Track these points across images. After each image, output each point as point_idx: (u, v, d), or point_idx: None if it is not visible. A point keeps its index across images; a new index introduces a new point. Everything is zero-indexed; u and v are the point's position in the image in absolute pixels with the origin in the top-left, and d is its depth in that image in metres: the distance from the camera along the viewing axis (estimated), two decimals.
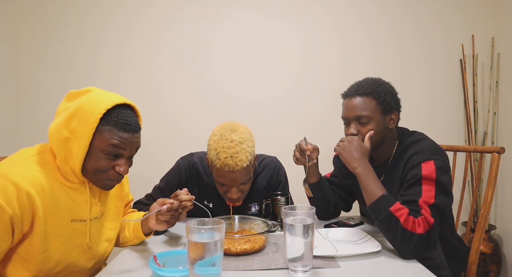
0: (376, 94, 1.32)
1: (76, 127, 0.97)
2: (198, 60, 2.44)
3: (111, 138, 0.98)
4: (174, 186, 1.51)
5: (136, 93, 2.43)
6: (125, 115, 1.01)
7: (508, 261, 2.36)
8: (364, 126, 1.32)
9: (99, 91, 1.03)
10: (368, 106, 1.31)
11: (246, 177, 1.34)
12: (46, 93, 2.42)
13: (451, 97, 2.45)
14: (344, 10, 2.43)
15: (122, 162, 1.03)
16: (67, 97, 1.06)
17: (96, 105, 0.97)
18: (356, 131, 1.33)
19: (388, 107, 1.33)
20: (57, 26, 2.42)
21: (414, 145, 1.33)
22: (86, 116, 0.97)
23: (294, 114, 2.45)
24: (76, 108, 0.98)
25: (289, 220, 0.99)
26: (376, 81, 1.36)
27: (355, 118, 1.33)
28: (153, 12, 2.42)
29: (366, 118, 1.31)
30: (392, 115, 1.35)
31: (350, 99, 1.35)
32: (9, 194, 0.90)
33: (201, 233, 0.87)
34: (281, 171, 1.62)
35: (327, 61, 2.44)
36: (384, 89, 1.33)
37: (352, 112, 1.33)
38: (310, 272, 0.99)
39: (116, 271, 1.05)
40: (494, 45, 2.42)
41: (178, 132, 2.44)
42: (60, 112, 1.04)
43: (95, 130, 0.98)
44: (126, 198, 1.32)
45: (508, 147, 2.16)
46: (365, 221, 1.55)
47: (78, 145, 0.97)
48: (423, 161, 1.24)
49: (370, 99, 1.32)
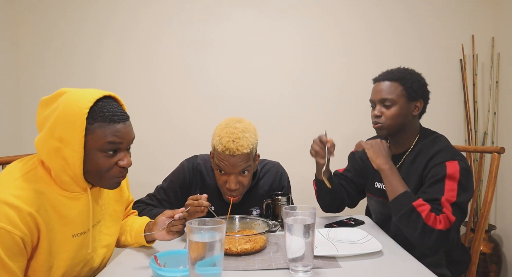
0: (403, 80, 1.38)
1: (64, 134, 0.92)
2: (199, 61, 2.43)
3: (104, 135, 0.94)
4: (177, 186, 1.53)
5: (136, 93, 2.43)
6: (109, 107, 0.96)
7: (508, 261, 2.36)
8: (388, 109, 1.38)
9: (73, 91, 0.97)
10: (394, 91, 1.38)
11: (246, 165, 1.35)
12: (46, 93, 2.40)
13: (451, 97, 2.45)
14: (344, 10, 2.43)
15: (122, 155, 0.99)
16: (41, 106, 1.01)
17: (76, 106, 0.92)
18: (380, 113, 1.40)
19: (414, 94, 1.39)
20: (57, 26, 2.41)
21: (438, 143, 1.37)
22: (70, 120, 0.91)
23: (294, 114, 2.45)
24: (56, 115, 0.93)
25: (290, 220, 0.99)
26: (406, 69, 1.44)
27: (380, 100, 1.40)
28: (154, 12, 2.42)
29: (390, 101, 1.38)
30: (417, 103, 1.40)
31: (378, 83, 1.42)
32: (11, 217, 0.86)
33: (201, 233, 0.87)
34: (284, 177, 1.62)
35: (327, 61, 2.44)
36: (412, 77, 1.40)
37: (378, 95, 1.41)
38: (310, 272, 0.99)
39: (117, 271, 1.05)
40: (494, 45, 2.42)
41: (178, 134, 2.44)
42: (41, 123, 0.99)
43: (85, 131, 0.92)
44: (126, 201, 1.29)
45: (508, 147, 2.16)
46: (370, 220, 1.56)
47: (72, 151, 0.92)
48: (448, 159, 1.28)
49: (397, 85, 1.38)
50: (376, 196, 1.53)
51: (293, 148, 2.40)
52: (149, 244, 1.23)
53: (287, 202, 1.43)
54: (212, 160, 1.44)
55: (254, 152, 1.41)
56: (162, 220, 1.17)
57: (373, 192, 1.55)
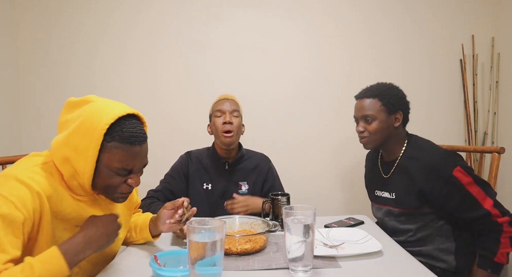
0: (382, 96, 1.50)
1: (80, 144, 0.93)
2: (199, 61, 2.43)
3: (118, 157, 0.94)
4: (180, 169, 1.78)
5: (136, 93, 2.43)
6: (129, 127, 0.95)
7: (508, 261, 2.35)
8: (370, 124, 1.50)
9: (98, 103, 0.98)
10: (374, 107, 1.50)
11: (236, 107, 1.75)
12: (46, 93, 2.41)
13: (451, 97, 2.45)
14: (345, 10, 2.42)
15: (133, 176, 1.00)
16: (66, 107, 1.02)
17: (98, 119, 0.92)
18: (363, 129, 1.52)
19: (393, 107, 1.50)
20: (57, 26, 2.41)
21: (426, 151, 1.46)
22: (89, 132, 0.92)
23: (295, 115, 2.44)
24: (77, 124, 0.94)
25: (290, 220, 0.99)
26: (384, 85, 1.55)
27: (362, 117, 1.52)
28: (154, 12, 2.41)
29: (371, 117, 1.50)
30: (397, 115, 1.51)
31: (360, 101, 1.55)
32: (22, 196, 0.88)
33: (201, 233, 0.87)
34: (268, 160, 1.88)
35: (327, 61, 2.44)
36: (390, 92, 1.51)
37: (360, 112, 1.53)
38: (310, 272, 1.00)
39: (117, 271, 1.06)
40: (494, 45, 2.42)
41: (178, 134, 2.44)
42: (61, 124, 1.00)
43: (100, 147, 0.93)
44: (134, 204, 1.31)
45: (508, 147, 2.16)
46: (370, 220, 1.57)
47: (84, 162, 0.93)
48: (452, 169, 1.36)
49: (375, 101, 1.50)
50: (377, 203, 1.62)
51: (293, 148, 2.41)
52: (154, 238, 1.25)
53: (287, 202, 1.43)
54: (210, 124, 1.80)
55: (241, 113, 1.79)
56: (164, 214, 1.19)
57: (374, 199, 1.64)
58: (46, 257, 0.87)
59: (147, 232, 1.22)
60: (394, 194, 1.52)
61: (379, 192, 1.60)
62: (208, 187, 1.75)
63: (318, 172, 2.43)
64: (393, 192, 1.53)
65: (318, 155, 2.41)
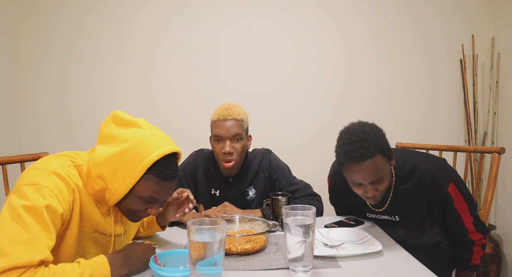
0: (380, 149, 1.19)
1: (120, 168, 0.96)
2: (199, 61, 2.43)
3: (151, 189, 0.98)
4: (187, 171, 1.66)
5: (136, 93, 2.43)
6: (170, 165, 1.01)
7: (508, 261, 2.36)
8: (382, 183, 1.23)
9: (149, 131, 1.02)
10: (382, 165, 1.20)
11: (238, 130, 1.54)
12: (46, 93, 2.41)
13: (451, 97, 2.45)
14: (345, 10, 2.43)
15: (155, 206, 1.05)
16: (113, 120, 1.03)
17: (145, 153, 0.96)
18: (375, 190, 1.24)
19: (390, 153, 1.24)
20: (57, 26, 2.41)
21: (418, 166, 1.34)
22: (134, 162, 0.95)
23: (295, 115, 2.45)
24: (124, 148, 0.96)
25: (290, 220, 0.99)
26: (367, 133, 1.20)
27: (372, 182, 1.21)
28: (154, 11, 2.42)
29: (384, 175, 1.22)
30: (392, 155, 1.26)
31: (360, 165, 1.18)
32: (62, 189, 0.92)
33: (202, 233, 0.87)
34: (268, 153, 1.73)
35: (327, 61, 2.44)
36: (378, 137, 1.21)
37: (370, 177, 1.20)
38: (310, 272, 1.00)
39: None
40: (494, 45, 2.42)
41: (178, 134, 2.42)
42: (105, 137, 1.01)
43: None
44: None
45: (508, 147, 2.16)
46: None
47: (119, 186, 0.97)
48: (447, 185, 1.31)
49: (378, 157, 1.18)
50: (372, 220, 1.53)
51: (292, 148, 2.40)
52: (163, 229, 1.31)
53: (287, 202, 1.43)
54: (211, 140, 1.62)
55: (246, 126, 1.59)
56: (170, 209, 1.26)
57: (366, 218, 1.55)
58: (95, 262, 0.93)
59: (156, 226, 1.29)
60: (398, 217, 1.41)
61: (373, 215, 1.47)
62: (216, 193, 1.67)
63: (318, 171, 2.43)
64: (395, 215, 1.41)
65: (318, 155, 2.41)
